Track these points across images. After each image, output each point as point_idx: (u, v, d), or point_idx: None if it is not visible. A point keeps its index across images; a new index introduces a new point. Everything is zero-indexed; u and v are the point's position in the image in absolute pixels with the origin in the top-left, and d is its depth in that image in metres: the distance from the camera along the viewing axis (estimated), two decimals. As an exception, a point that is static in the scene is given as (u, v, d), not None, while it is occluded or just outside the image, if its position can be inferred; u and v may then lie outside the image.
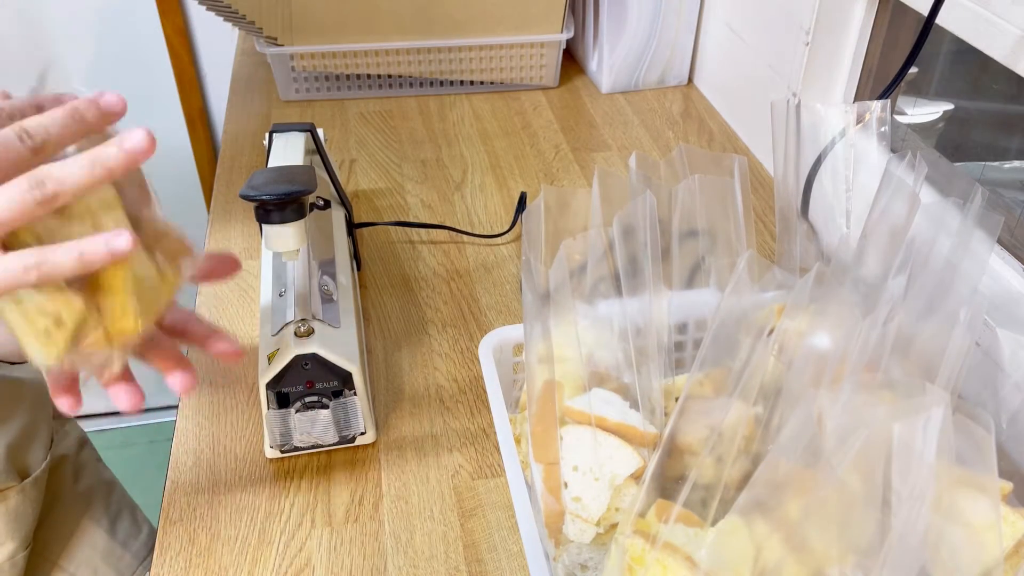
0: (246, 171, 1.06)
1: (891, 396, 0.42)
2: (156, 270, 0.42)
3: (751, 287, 0.50)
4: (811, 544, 0.40)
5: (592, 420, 0.53)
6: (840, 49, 0.92)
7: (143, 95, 1.58)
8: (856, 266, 0.56)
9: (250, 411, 0.72)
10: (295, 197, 0.61)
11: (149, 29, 1.50)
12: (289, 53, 1.16)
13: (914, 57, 0.68)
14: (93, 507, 0.85)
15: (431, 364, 0.77)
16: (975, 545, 0.41)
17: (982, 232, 0.54)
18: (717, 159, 0.63)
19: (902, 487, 0.38)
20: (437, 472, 0.67)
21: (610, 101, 1.24)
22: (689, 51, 1.25)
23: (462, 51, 1.20)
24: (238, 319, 0.82)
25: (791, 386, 0.47)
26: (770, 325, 0.48)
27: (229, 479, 0.66)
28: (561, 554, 0.52)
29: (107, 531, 0.85)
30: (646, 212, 0.56)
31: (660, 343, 0.55)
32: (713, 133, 1.16)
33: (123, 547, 0.86)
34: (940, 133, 0.89)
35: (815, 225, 0.67)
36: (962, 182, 0.78)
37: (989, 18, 0.67)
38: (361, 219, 0.97)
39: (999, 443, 0.41)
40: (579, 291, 0.57)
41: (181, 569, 0.60)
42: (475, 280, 0.88)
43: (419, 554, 0.61)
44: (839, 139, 0.64)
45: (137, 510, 0.92)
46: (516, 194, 1.01)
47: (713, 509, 0.46)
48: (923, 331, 0.50)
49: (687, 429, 0.49)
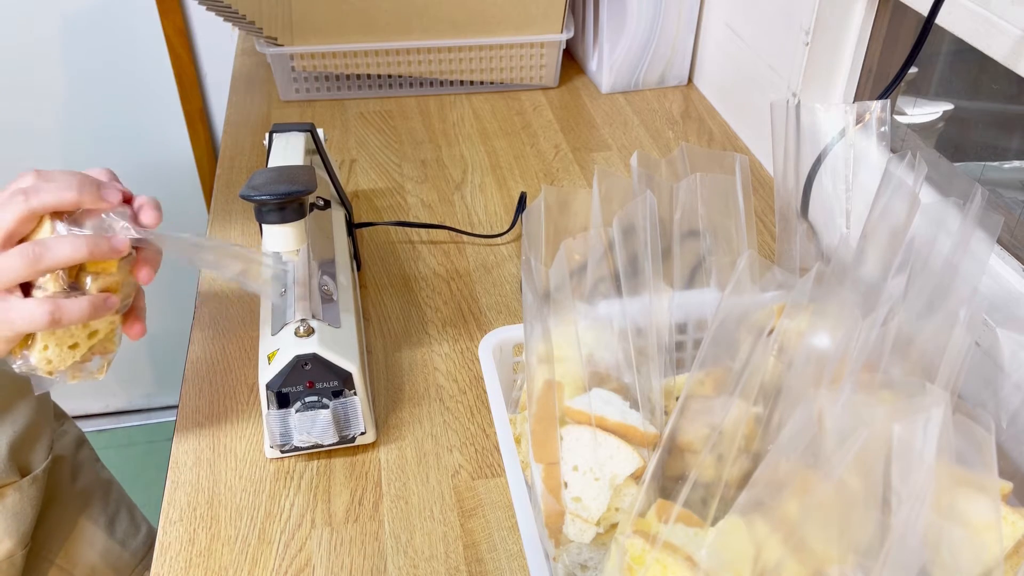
0: (246, 171, 1.06)
1: (891, 396, 0.42)
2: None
3: (751, 287, 0.50)
4: (811, 544, 0.40)
5: (592, 420, 0.53)
6: (840, 49, 0.92)
7: (143, 95, 1.58)
8: (856, 266, 0.56)
9: (250, 411, 0.72)
10: (295, 197, 0.61)
11: (149, 29, 1.50)
12: (289, 53, 1.16)
13: (914, 57, 0.68)
14: (91, 506, 0.85)
15: (431, 364, 0.77)
16: (975, 545, 0.41)
17: (982, 232, 0.54)
18: (718, 158, 0.63)
19: (902, 487, 0.38)
20: (437, 472, 0.67)
21: (610, 101, 1.24)
22: (689, 51, 1.25)
23: (462, 51, 1.20)
24: (238, 319, 0.82)
25: (791, 386, 0.47)
26: (770, 325, 0.48)
27: (229, 479, 0.66)
28: (561, 554, 0.52)
29: (105, 530, 0.85)
30: (646, 212, 0.56)
31: (660, 343, 0.55)
32: (713, 133, 1.16)
33: (121, 546, 0.86)
34: (940, 133, 0.89)
35: (815, 225, 0.67)
36: (962, 182, 0.78)
37: (989, 18, 0.67)
38: (361, 219, 0.97)
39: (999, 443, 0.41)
40: (579, 291, 0.57)
41: (181, 569, 0.60)
42: (475, 280, 0.88)
43: (419, 554, 0.61)
44: (839, 139, 0.64)
45: (136, 509, 0.92)
46: (516, 194, 1.01)
47: (713, 508, 0.46)
48: (923, 331, 0.50)
49: (688, 428, 0.49)
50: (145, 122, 1.62)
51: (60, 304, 0.50)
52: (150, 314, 0.60)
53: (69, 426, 0.88)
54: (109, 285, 0.53)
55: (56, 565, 0.80)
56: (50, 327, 0.50)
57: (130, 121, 1.61)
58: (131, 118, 1.61)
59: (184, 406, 0.73)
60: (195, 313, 0.83)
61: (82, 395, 1.98)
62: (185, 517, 0.64)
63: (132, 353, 1.92)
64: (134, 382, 1.99)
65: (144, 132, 1.63)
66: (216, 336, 0.80)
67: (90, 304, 0.51)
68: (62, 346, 0.53)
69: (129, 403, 2.03)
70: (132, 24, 1.50)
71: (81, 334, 0.54)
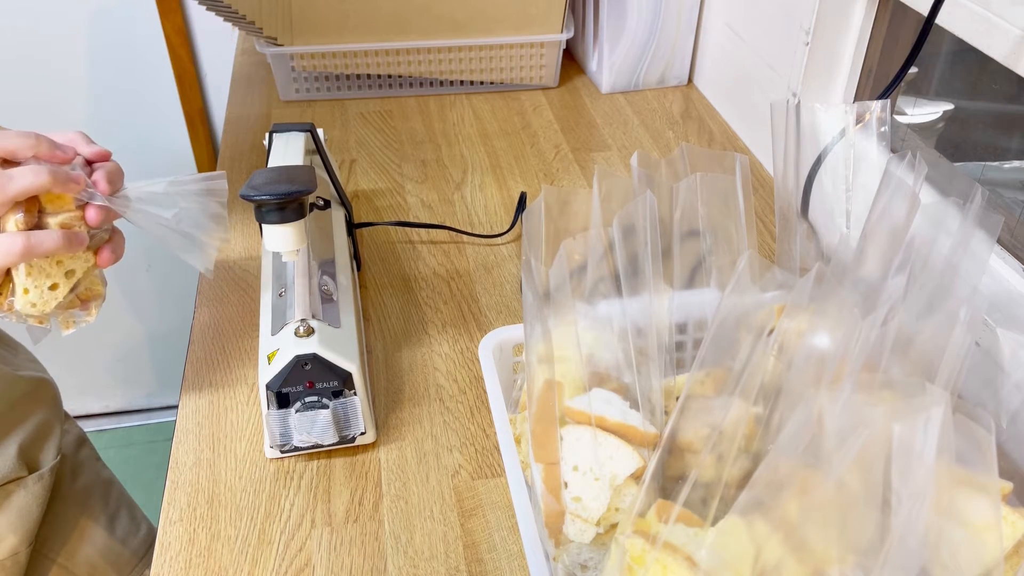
0: (246, 171, 1.06)
1: (891, 396, 0.42)
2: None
3: (751, 287, 0.50)
4: (811, 544, 0.40)
5: (592, 420, 0.53)
6: (840, 49, 0.92)
7: (143, 95, 1.58)
8: (856, 266, 0.56)
9: (250, 411, 0.72)
10: (295, 197, 0.61)
11: (149, 29, 1.50)
12: (289, 53, 1.16)
13: (914, 57, 0.68)
14: (91, 505, 0.85)
15: (431, 364, 0.77)
16: (975, 545, 0.41)
17: (982, 232, 0.54)
18: (719, 158, 0.63)
19: (902, 487, 0.38)
20: (437, 472, 0.67)
21: (610, 101, 1.24)
22: (689, 51, 1.25)
23: (462, 51, 1.20)
24: (238, 319, 0.82)
25: (791, 386, 0.47)
26: (770, 325, 0.48)
27: (229, 479, 0.66)
28: (561, 554, 0.52)
29: (106, 529, 0.85)
30: (646, 212, 0.56)
31: (660, 343, 0.55)
32: (713, 133, 1.16)
33: (122, 544, 0.86)
34: (940, 133, 0.89)
35: (815, 225, 0.67)
36: (962, 182, 0.78)
37: (989, 18, 0.67)
38: (361, 219, 0.97)
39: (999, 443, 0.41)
40: (579, 291, 0.57)
41: (181, 569, 0.60)
42: (475, 280, 0.88)
43: (419, 554, 0.61)
44: (839, 139, 0.64)
45: (136, 508, 0.92)
46: (516, 194, 1.01)
47: (713, 508, 0.46)
48: (923, 331, 0.50)
49: (688, 427, 0.49)
50: (145, 122, 1.62)
51: (32, 235, 0.52)
52: (150, 314, 0.60)
53: (70, 425, 0.88)
54: (70, 221, 0.54)
55: (57, 563, 0.80)
56: (25, 257, 0.52)
57: (130, 121, 1.61)
58: (131, 118, 1.61)
59: (184, 406, 0.73)
60: (195, 313, 0.83)
61: (82, 395, 1.98)
62: (185, 517, 0.64)
63: (132, 353, 1.92)
64: (134, 382, 1.99)
65: (144, 132, 1.63)
66: (216, 336, 0.80)
67: (62, 235, 0.53)
68: (41, 287, 0.55)
69: (129, 403, 2.03)
70: (132, 24, 1.50)
71: (57, 272, 0.55)
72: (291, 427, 0.63)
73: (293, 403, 0.63)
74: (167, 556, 0.61)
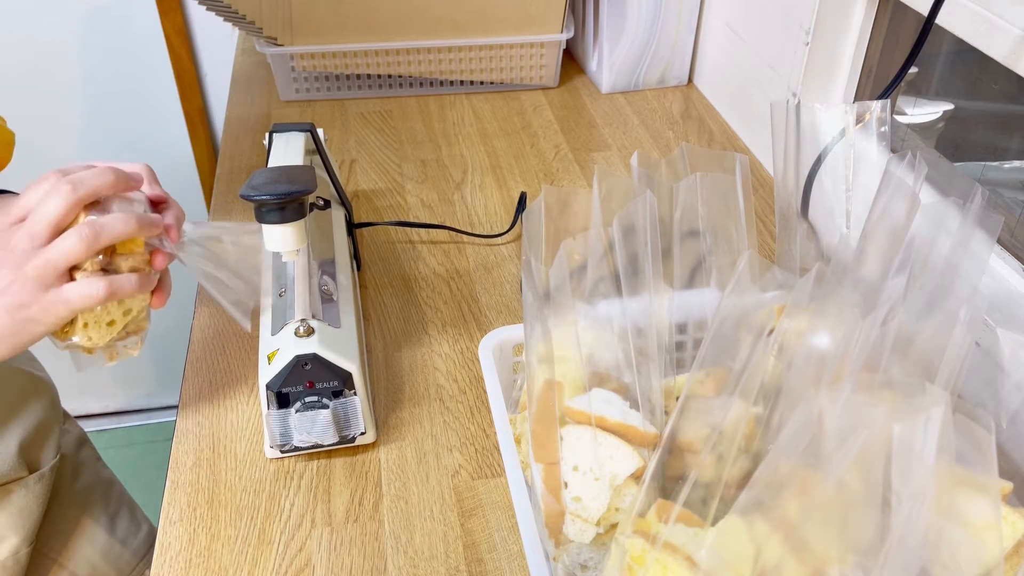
0: (246, 171, 1.06)
1: (891, 396, 0.42)
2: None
3: (751, 287, 0.50)
4: (811, 544, 0.40)
5: (592, 420, 0.53)
6: (840, 49, 0.92)
7: (143, 95, 1.58)
8: (856, 266, 0.56)
9: (250, 411, 0.72)
10: (295, 197, 0.61)
11: (149, 29, 1.50)
12: (289, 53, 1.16)
13: (914, 57, 0.68)
14: (92, 505, 0.85)
15: (431, 364, 0.77)
16: (975, 545, 0.41)
17: (982, 232, 0.54)
18: (719, 158, 0.63)
19: (902, 487, 0.38)
20: (437, 472, 0.67)
21: (610, 101, 1.24)
22: (689, 51, 1.25)
23: (462, 51, 1.20)
24: (238, 319, 0.82)
25: (791, 386, 0.47)
26: (770, 325, 0.48)
27: (229, 479, 0.66)
28: (561, 554, 0.52)
29: (106, 529, 0.85)
30: (646, 212, 0.56)
31: (660, 343, 0.55)
32: (713, 133, 1.16)
33: (122, 544, 0.86)
34: (940, 133, 0.89)
35: (815, 225, 0.67)
36: (962, 182, 0.78)
37: (989, 18, 0.67)
38: (361, 219, 0.97)
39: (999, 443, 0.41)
40: (579, 291, 0.57)
41: (181, 569, 0.60)
42: (475, 280, 0.88)
43: (419, 554, 0.61)
44: (839, 139, 0.64)
45: (136, 508, 0.92)
46: (516, 194, 1.01)
47: (713, 508, 0.46)
48: (923, 331, 0.50)
49: (688, 427, 0.49)
50: (145, 122, 1.62)
51: (113, 280, 0.54)
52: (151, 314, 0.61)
53: (71, 425, 0.88)
54: (139, 264, 0.57)
55: (57, 563, 0.80)
56: (106, 301, 0.54)
57: (130, 121, 1.61)
58: (131, 118, 1.61)
59: (184, 406, 0.73)
60: (195, 313, 0.83)
61: (82, 395, 1.98)
62: (185, 517, 0.64)
63: (132, 353, 1.92)
64: (134, 382, 1.99)
65: (144, 132, 1.63)
66: (216, 336, 0.80)
67: (138, 280, 0.55)
68: (100, 324, 0.57)
69: (129, 403, 2.03)
70: (132, 24, 1.50)
71: (117, 311, 0.57)
72: (291, 427, 0.63)
73: (293, 403, 0.63)
74: (167, 556, 0.61)
